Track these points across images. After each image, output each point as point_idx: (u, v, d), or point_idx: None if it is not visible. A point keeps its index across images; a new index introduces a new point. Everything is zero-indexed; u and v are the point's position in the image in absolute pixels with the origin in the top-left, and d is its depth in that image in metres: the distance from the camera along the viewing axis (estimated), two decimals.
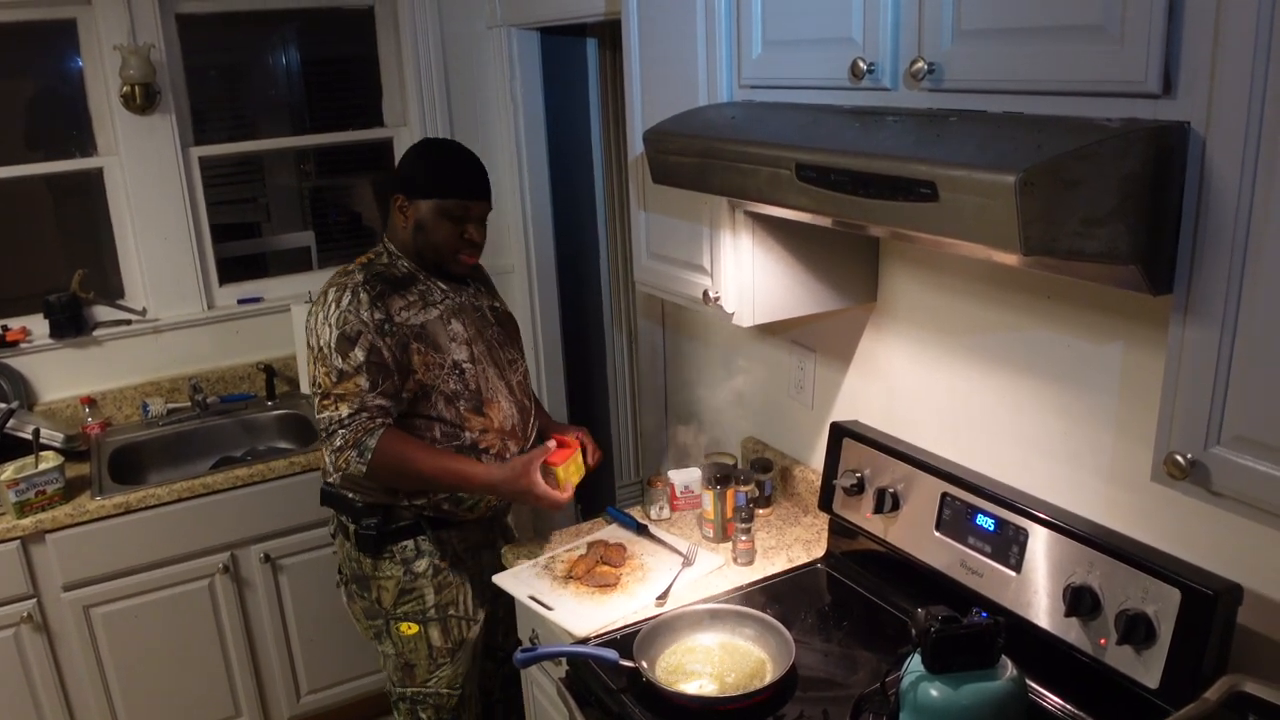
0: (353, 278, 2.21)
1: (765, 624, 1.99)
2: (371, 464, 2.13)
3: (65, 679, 2.95)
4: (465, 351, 2.29)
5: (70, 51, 3.26)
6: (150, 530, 2.92)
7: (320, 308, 2.21)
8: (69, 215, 3.54)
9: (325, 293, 2.23)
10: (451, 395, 2.27)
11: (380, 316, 2.17)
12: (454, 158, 2.31)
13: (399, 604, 2.37)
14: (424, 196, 2.25)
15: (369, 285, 2.19)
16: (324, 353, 2.16)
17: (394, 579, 2.35)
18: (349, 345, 2.14)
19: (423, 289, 2.29)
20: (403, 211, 2.28)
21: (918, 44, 1.51)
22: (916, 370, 2.20)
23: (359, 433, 2.13)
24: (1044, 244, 1.18)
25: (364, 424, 2.14)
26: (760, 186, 1.62)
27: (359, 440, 2.13)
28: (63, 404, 3.31)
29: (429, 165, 2.29)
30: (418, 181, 2.27)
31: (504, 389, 2.36)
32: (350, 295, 2.18)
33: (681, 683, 1.90)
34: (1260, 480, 1.19)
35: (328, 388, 2.15)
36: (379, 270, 2.25)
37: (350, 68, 3.88)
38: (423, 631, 2.38)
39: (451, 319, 2.29)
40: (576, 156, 4.03)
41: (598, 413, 4.40)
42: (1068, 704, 1.74)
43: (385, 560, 2.35)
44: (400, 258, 2.31)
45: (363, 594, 2.40)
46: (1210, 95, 1.15)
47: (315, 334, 2.19)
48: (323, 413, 2.16)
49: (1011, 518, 1.83)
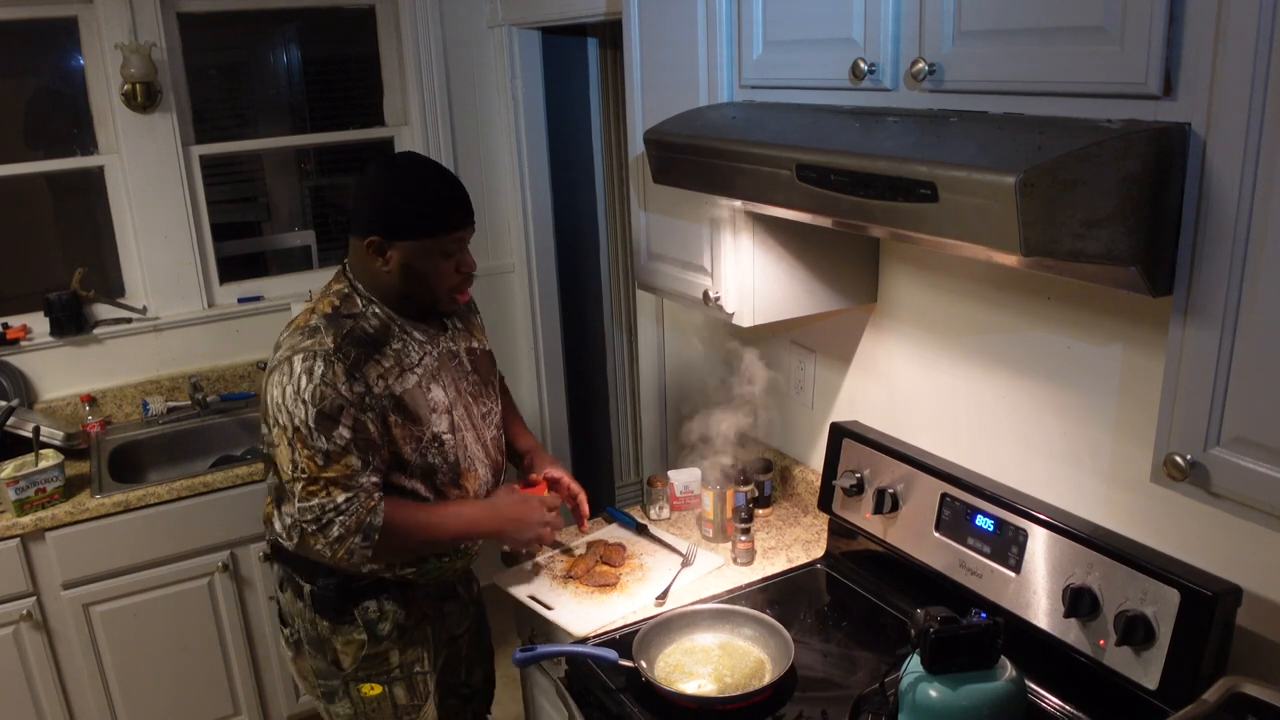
0: (320, 342, 1.89)
1: (765, 624, 1.99)
2: (378, 547, 1.92)
3: (65, 677, 2.95)
4: (445, 421, 2.04)
5: (72, 50, 3.27)
6: (150, 528, 2.92)
7: (285, 378, 1.88)
8: (70, 213, 3.54)
9: (289, 360, 1.89)
10: (429, 469, 2.03)
11: (360, 390, 1.89)
12: (439, 184, 1.96)
13: (361, 667, 2.11)
14: (410, 237, 1.92)
15: (341, 353, 1.89)
16: (302, 433, 1.86)
17: (355, 643, 2.09)
18: (331, 424, 1.86)
19: (398, 347, 1.99)
20: (380, 254, 1.94)
21: (918, 44, 1.51)
22: (916, 371, 2.20)
23: (360, 515, 1.90)
24: (1044, 245, 1.18)
25: (363, 504, 1.90)
26: (761, 187, 1.62)
27: (362, 524, 1.90)
28: (63, 402, 3.31)
29: (413, 199, 1.93)
30: (400, 220, 1.92)
31: (480, 454, 2.14)
32: (323, 365, 1.87)
33: (680, 682, 1.90)
34: (1260, 481, 1.19)
35: (314, 472, 1.87)
36: (348, 328, 1.94)
37: (351, 67, 3.88)
38: (387, 691, 2.14)
39: (431, 384, 2.02)
40: (577, 156, 4.03)
41: (598, 413, 4.41)
42: (1067, 705, 1.74)
43: (345, 625, 2.08)
44: (372, 303, 1.99)
45: (317, 655, 2.13)
46: (1211, 97, 1.15)
47: (285, 411, 1.87)
48: (310, 500, 1.88)
49: (1011, 518, 1.83)
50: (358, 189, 2.00)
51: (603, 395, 4.39)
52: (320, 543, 1.91)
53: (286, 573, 2.13)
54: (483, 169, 3.82)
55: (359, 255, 1.98)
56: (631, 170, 2.40)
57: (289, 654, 2.22)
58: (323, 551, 1.92)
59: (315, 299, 2.03)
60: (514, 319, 4.00)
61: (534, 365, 4.01)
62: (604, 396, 4.39)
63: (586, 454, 4.33)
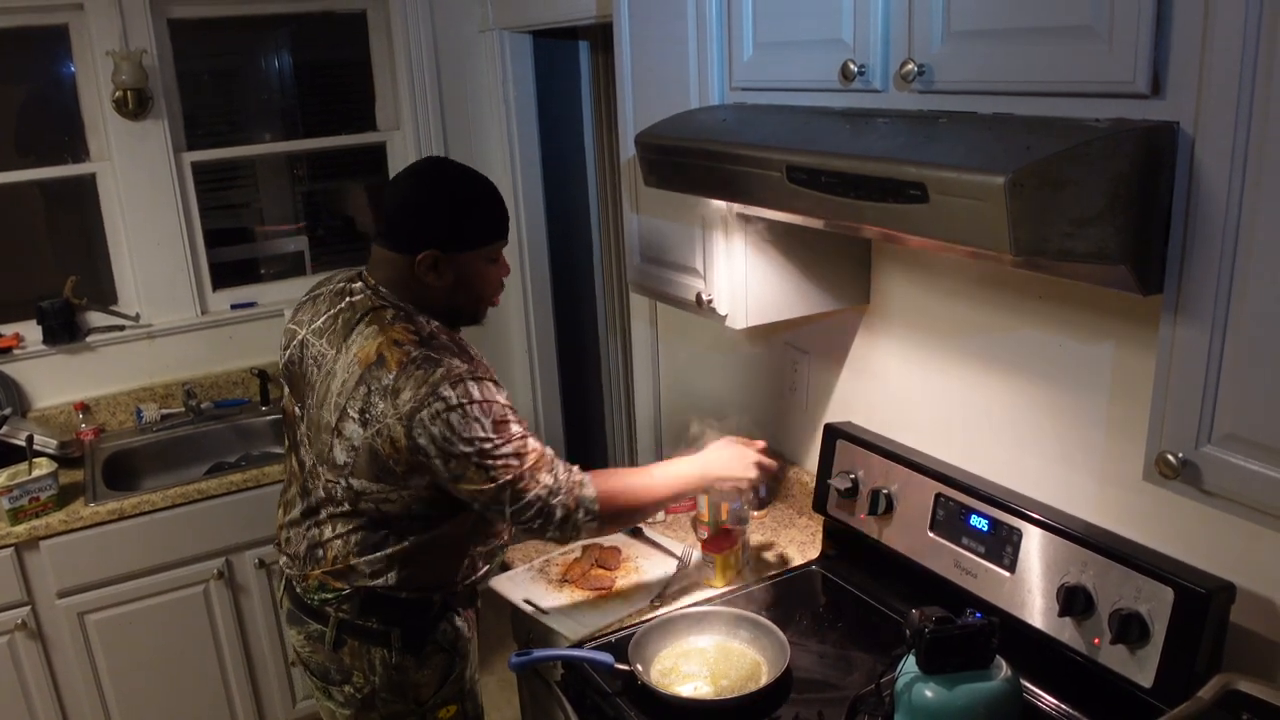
0: (452, 368, 1.80)
1: (760, 626, 1.99)
2: (601, 514, 1.90)
3: (60, 686, 2.94)
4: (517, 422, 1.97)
5: (63, 57, 3.26)
6: (145, 536, 2.91)
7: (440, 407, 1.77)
8: (62, 221, 3.53)
9: (435, 394, 1.77)
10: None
11: (506, 392, 1.90)
12: (483, 193, 1.93)
13: (439, 692, 2.05)
14: (468, 248, 1.90)
15: (480, 369, 1.86)
16: (487, 448, 1.80)
17: (436, 668, 2.03)
18: (505, 427, 1.82)
19: (471, 355, 1.94)
20: (434, 268, 1.88)
21: (908, 45, 1.52)
22: (909, 371, 2.21)
23: (574, 490, 1.88)
24: (1034, 245, 1.18)
25: (569, 481, 1.88)
26: (752, 189, 1.62)
27: (580, 500, 1.88)
28: (56, 410, 3.30)
29: (463, 212, 1.90)
30: (456, 234, 1.89)
31: None
32: (474, 385, 1.80)
33: (677, 685, 1.90)
34: (1251, 479, 1.19)
35: (516, 472, 1.83)
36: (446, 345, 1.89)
37: (343, 72, 3.88)
38: (460, 708, 2.11)
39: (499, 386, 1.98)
40: (569, 159, 4.03)
41: (592, 415, 4.40)
42: (1062, 703, 1.74)
43: (430, 653, 2.01)
44: (431, 320, 1.93)
45: (394, 699, 2.01)
46: (1199, 96, 1.15)
47: (456, 440, 1.78)
48: (524, 497, 1.83)
49: (1005, 518, 1.83)
50: (398, 203, 1.93)
51: (597, 399, 4.38)
52: (551, 532, 1.89)
53: (356, 626, 1.97)
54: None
55: (400, 271, 1.91)
56: (623, 173, 2.40)
57: (347, 713, 2.05)
58: (553, 537, 1.91)
59: (375, 333, 1.88)
60: (507, 323, 4.00)
61: (528, 369, 4.01)
62: (598, 400, 4.39)
63: (581, 457, 4.27)
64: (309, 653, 2.05)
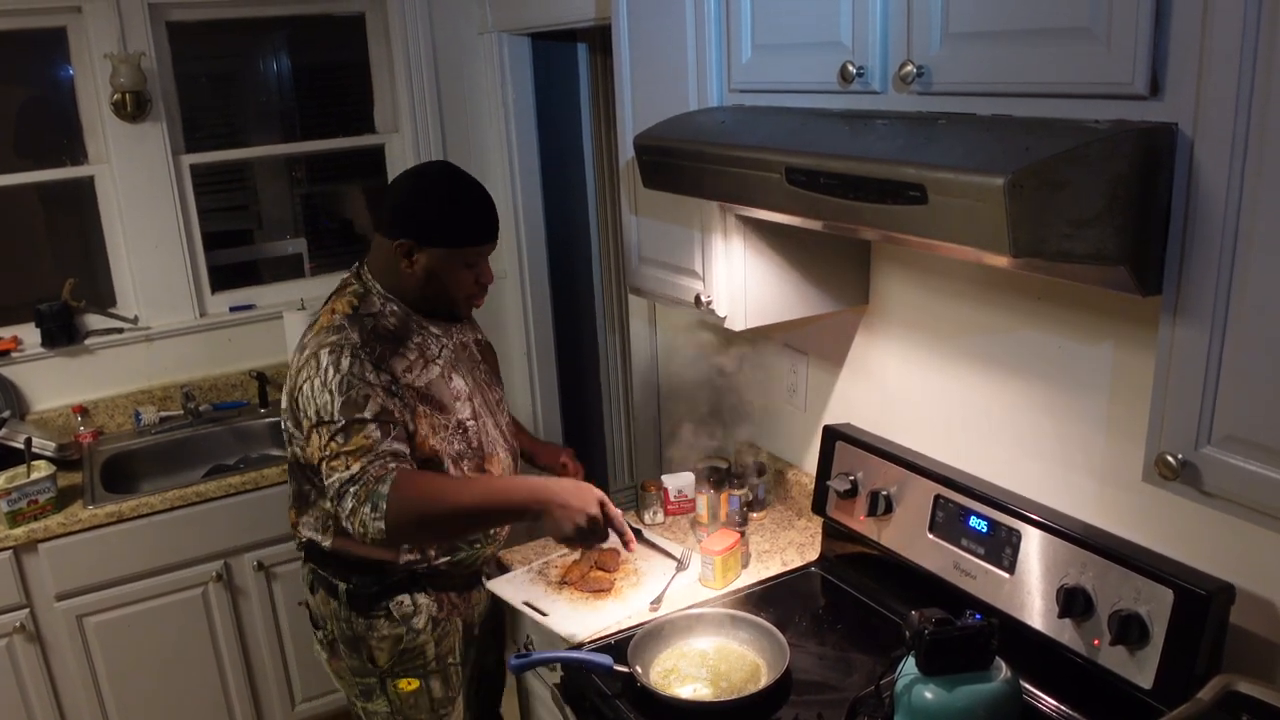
0: (347, 337, 1.96)
1: (760, 628, 1.99)
2: (388, 521, 1.83)
3: (59, 689, 2.94)
4: (468, 408, 2.12)
5: (61, 60, 3.26)
6: (143, 539, 2.91)
7: (312, 372, 1.94)
8: (60, 224, 3.53)
9: (316, 355, 1.95)
10: (456, 456, 2.08)
11: (386, 378, 1.96)
12: (472, 198, 2.06)
13: (398, 662, 2.16)
14: (440, 245, 2.02)
15: (368, 347, 1.96)
16: (326, 419, 1.91)
17: (391, 638, 2.13)
18: (355, 409, 1.90)
19: (419, 341, 2.08)
20: (409, 257, 2.02)
21: (906, 47, 1.52)
22: (909, 372, 2.21)
23: (370, 484, 1.85)
24: (1033, 245, 1.18)
25: (375, 473, 1.86)
26: (750, 190, 1.62)
27: (371, 493, 1.84)
28: (54, 413, 3.30)
29: (447, 210, 2.03)
30: (433, 228, 2.01)
31: (499, 438, 2.21)
32: (350, 358, 1.93)
33: (676, 687, 1.89)
34: (1251, 480, 1.19)
35: (337, 449, 1.89)
36: (371, 325, 2.01)
37: (341, 74, 3.88)
38: (424, 685, 2.19)
39: (452, 374, 2.11)
40: (568, 161, 4.03)
41: (591, 417, 4.40)
42: (1062, 705, 1.74)
43: (380, 619, 2.12)
44: (390, 300, 2.07)
45: (352, 654, 2.17)
46: (1197, 97, 1.15)
47: (312, 402, 1.93)
48: (331, 476, 1.89)
49: (1004, 519, 1.83)
50: (395, 192, 2.12)
51: (596, 400, 4.38)
52: (343, 518, 1.89)
53: (318, 574, 2.17)
54: (474, 175, 3.80)
55: (384, 254, 2.06)
56: (622, 175, 2.40)
57: (324, 655, 2.26)
58: (346, 527, 1.89)
59: (332, 300, 2.08)
60: (507, 324, 4.00)
61: (527, 370, 4.01)
62: (597, 401, 4.39)
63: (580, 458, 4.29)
64: (306, 593, 2.24)
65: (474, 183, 2.08)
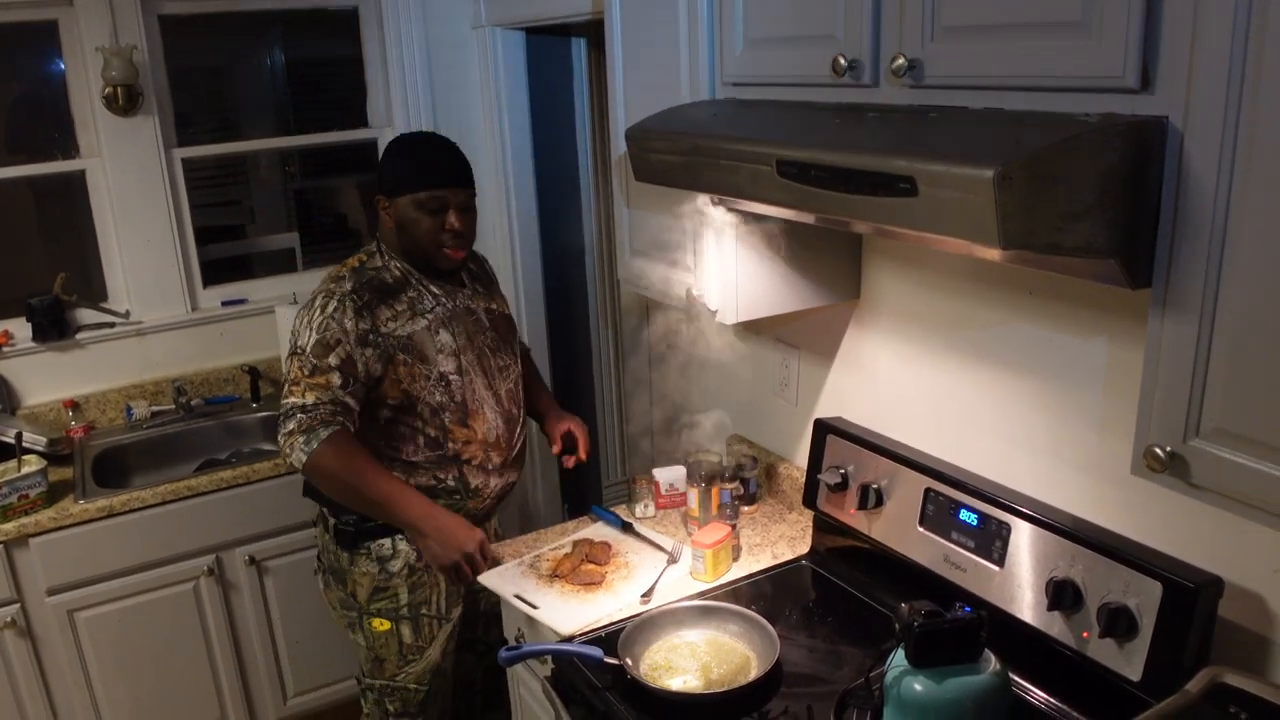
0: (342, 285, 2.22)
1: (750, 620, 2.00)
2: (312, 456, 2.13)
3: (50, 684, 2.93)
4: (453, 363, 2.30)
5: (52, 53, 3.25)
6: (135, 533, 2.91)
7: (307, 311, 2.22)
8: (51, 218, 3.52)
9: (315, 297, 2.24)
10: (437, 407, 2.29)
11: (365, 327, 2.19)
12: (423, 148, 2.30)
13: (373, 600, 2.38)
14: (400, 193, 2.25)
15: (356, 294, 2.21)
16: (300, 351, 2.18)
17: (369, 575, 2.36)
18: (325, 350, 2.16)
19: (413, 296, 2.29)
20: (386, 212, 2.29)
21: (898, 40, 1.52)
22: (900, 366, 2.21)
23: (315, 421, 2.13)
24: (1023, 238, 1.19)
25: (324, 415, 2.14)
26: (742, 183, 1.62)
27: (311, 428, 2.13)
28: (45, 408, 3.29)
29: (400, 160, 2.28)
30: (392, 178, 2.27)
31: (491, 399, 2.38)
32: (337, 303, 2.19)
33: (666, 678, 1.90)
34: (1239, 473, 1.19)
35: (299, 377, 2.16)
36: (369, 277, 2.26)
37: (334, 68, 3.87)
38: (394, 629, 2.40)
39: (440, 329, 2.30)
40: (562, 155, 4.02)
41: (584, 411, 4.40)
42: (1051, 697, 1.75)
43: (361, 556, 2.35)
44: (393, 259, 2.31)
45: (338, 586, 2.42)
46: (1188, 90, 1.16)
47: (296, 334, 2.21)
48: (287, 398, 2.17)
49: (994, 513, 1.84)
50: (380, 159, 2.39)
51: (589, 394, 4.38)
52: (280, 434, 2.15)
53: (319, 509, 2.41)
54: None
55: (379, 218, 2.32)
56: (615, 168, 2.40)
57: (321, 585, 2.50)
58: (280, 443, 2.15)
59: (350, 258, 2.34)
60: None
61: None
62: (590, 395, 4.39)
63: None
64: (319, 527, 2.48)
65: (436, 137, 2.34)
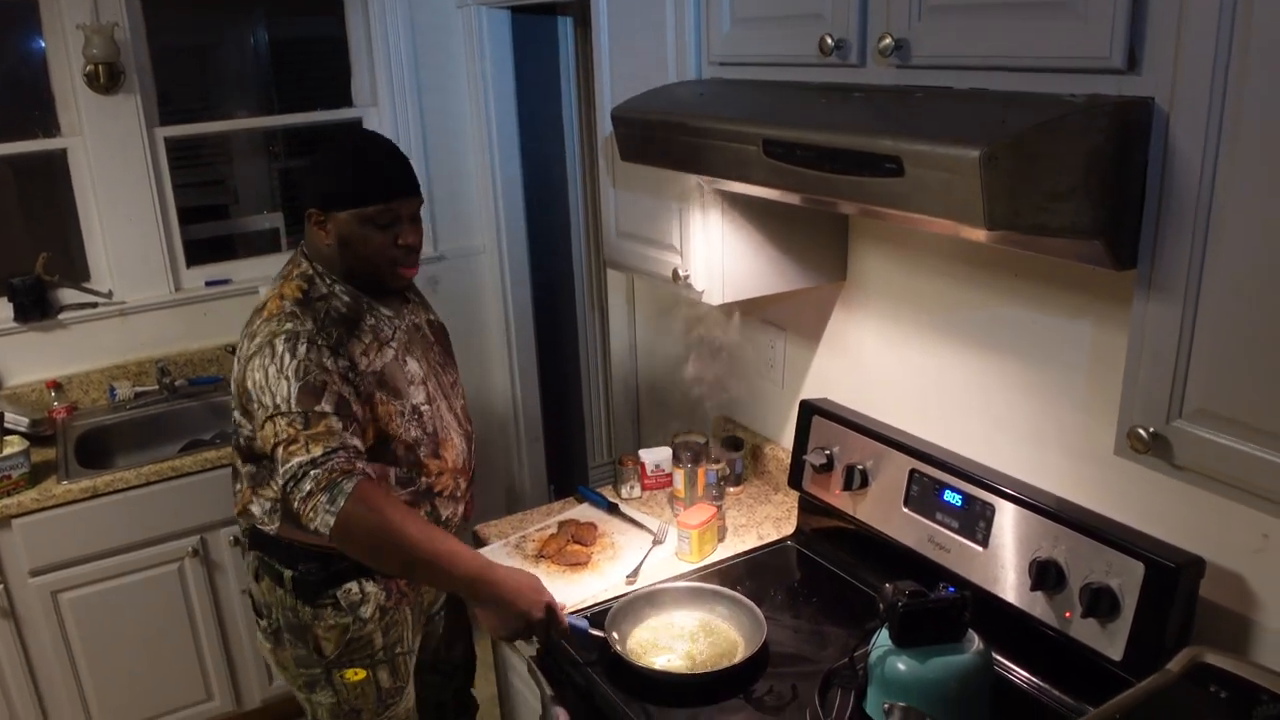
0: (300, 323, 1.90)
1: (736, 602, 2.00)
2: (340, 517, 1.77)
3: (34, 665, 2.92)
4: (422, 392, 2.05)
5: (32, 30, 3.21)
6: (118, 514, 2.90)
7: (267, 360, 1.87)
8: (33, 197, 3.49)
9: (270, 344, 1.88)
10: (412, 443, 2.03)
11: (345, 364, 1.91)
12: (368, 154, 1.98)
13: (345, 653, 2.08)
14: (342, 207, 1.94)
15: (325, 334, 1.91)
16: (283, 408, 1.83)
17: (338, 627, 2.05)
18: (314, 398, 1.84)
19: (372, 324, 2.01)
20: (321, 227, 1.97)
21: (885, 20, 1.51)
22: (886, 348, 2.21)
23: (333, 474, 1.79)
24: (1008, 218, 1.18)
25: (340, 465, 1.80)
26: (728, 163, 1.62)
27: (332, 483, 1.78)
28: (28, 388, 3.27)
29: (340, 167, 1.97)
30: (331, 189, 1.95)
31: (454, 423, 2.15)
32: (307, 345, 1.87)
33: (651, 656, 1.90)
34: (1221, 453, 1.20)
35: (293, 434, 1.82)
36: (324, 311, 1.95)
37: (319, 47, 3.84)
38: (371, 675, 2.11)
39: (406, 356, 2.04)
40: (548, 135, 4.01)
41: (570, 392, 4.40)
42: (1033, 676, 1.76)
43: (326, 608, 2.04)
44: (336, 282, 2.00)
45: (297, 643, 2.09)
46: (1174, 71, 1.15)
47: (267, 391, 1.85)
48: (290, 460, 1.80)
49: (979, 493, 1.84)
50: (308, 164, 2.01)
51: (575, 375, 4.39)
52: (296, 500, 1.80)
53: (263, 561, 2.08)
54: (451, 149, 3.80)
55: (308, 230, 2.01)
56: (601, 149, 2.39)
57: (267, 646, 2.18)
58: (297, 511, 1.81)
59: (279, 284, 2.01)
60: (485, 299, 3.99)
61: (505, 345, 4.00)
62: (576, 376, 4.39)
63: (559, 434, 4.32)
64: (249, 581, 2.18)
65: (381, 140, 2.03)
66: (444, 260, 3.84)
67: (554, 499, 2.84)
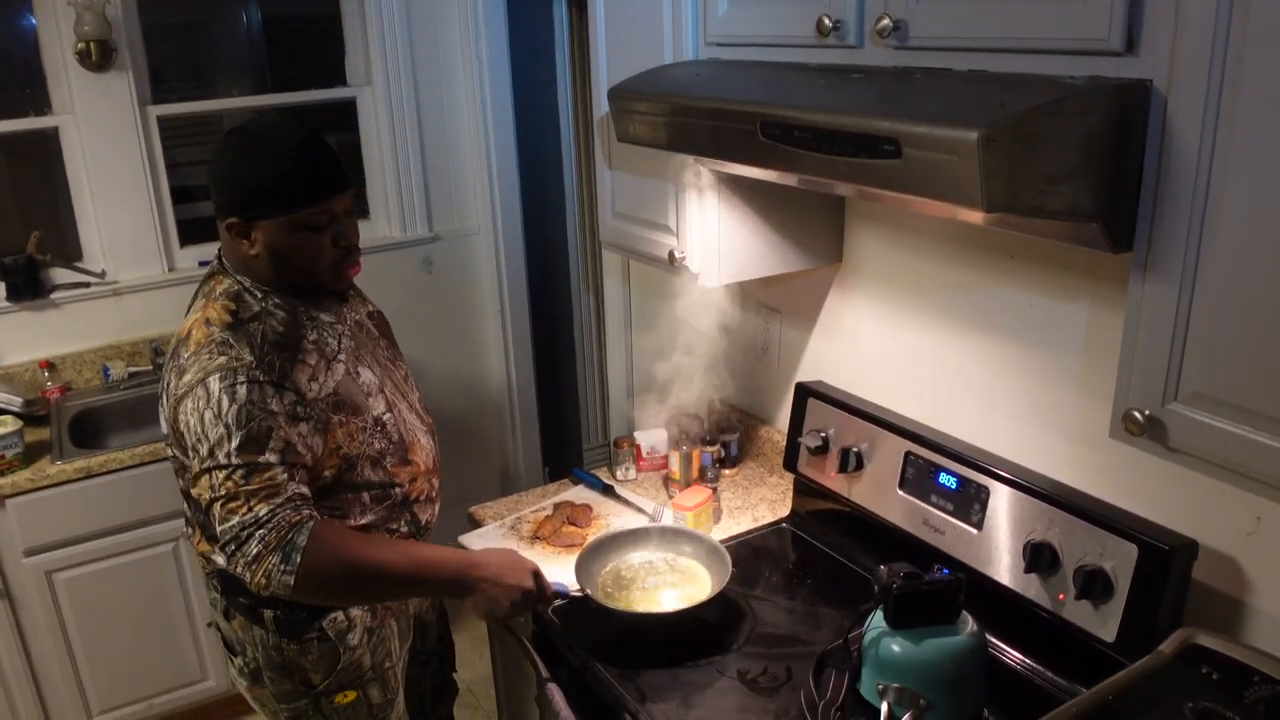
0: (237, 357, 1.68)
1: (701, 541, 2.10)
2: (300, 573, 1.63)
3: (29, 645, 2.93)
4: (382, 401, 1.88)
5: (23, 7, 3.18)
6: (112, 494, 2.89)
7: (202, 404, 1.66)
8: (24, 176, 3.46)
9: (204, 383, 1.67)
10: (378, 456, 1.86)
11: (291, 400, 1.70)
12: (291, 151, 1.74)
13: (333, 678, 1.93)
14: (268, 215, 1.72)
15: (264, 366, 1.69)
16: (221, 460, 1.65)
17: (326, 657, 1.90)
18: (258, 448, 1.65)
19: (314, 339, 1.80)
20: (244, 237, 1.75)
21: (883, 0, 1.50)
22: (881, 330, 2.21)
23: (282, 532, 1.63)
24: (1006, 201, 1.18)
25: (287, 519, 1.64)
26: (725, 144, 1.61)
27: (283, 541, 1.63)
28: (21, 368, 3.26)
29: (261, 170, 1.72)
30: (253, 195, 1.72)
31: (417, 422, 1.98)
32: (247, 385, 1.66)
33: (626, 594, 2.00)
34: (1216, 436, 1.20)
35: (234, 489, 1.64)
36: (259, 335, 1.73)
37: (312, 26, 3.81)
38: (362, 695, 1.97)
39: (357, 367, 1.86)
40: (544, 116, 4.00)
41: (565, 374, 4.40)
42: (1027, 658, 1.77)
43: (312, 641, 1.88)
44: (266, 294, 1.78)
45: (282, 680, 1.92)
46: (1172, 54, 1.15)
47: (204, 440, 1.65)
48: (229, 519, 1.63)
49: (973, 476, 1.85)
50: (211, 165, 1.78)
51: (570, 357, 4.38)
52: (239, 564, 1.65)
53: (235, 600, 1.89)
54: (446, 130, 3.78)
55: (226, 242, 1.79)
56: (597, 129, 2.38)
57: (243, 683, 2.01)
58: (242, 576, 1.66)
59: (201, 307, 1.79)
60: (479, 281, 3.98)
61: (500, 327, 4.00)
62: (571, 358, 4.39)
63: (554, 416, 4.33)
64: (218, 618, 1.99)
65: (299, 131, 1.77)
66: (438, 241, 3.83)
67: (549, 481, 2.85)
